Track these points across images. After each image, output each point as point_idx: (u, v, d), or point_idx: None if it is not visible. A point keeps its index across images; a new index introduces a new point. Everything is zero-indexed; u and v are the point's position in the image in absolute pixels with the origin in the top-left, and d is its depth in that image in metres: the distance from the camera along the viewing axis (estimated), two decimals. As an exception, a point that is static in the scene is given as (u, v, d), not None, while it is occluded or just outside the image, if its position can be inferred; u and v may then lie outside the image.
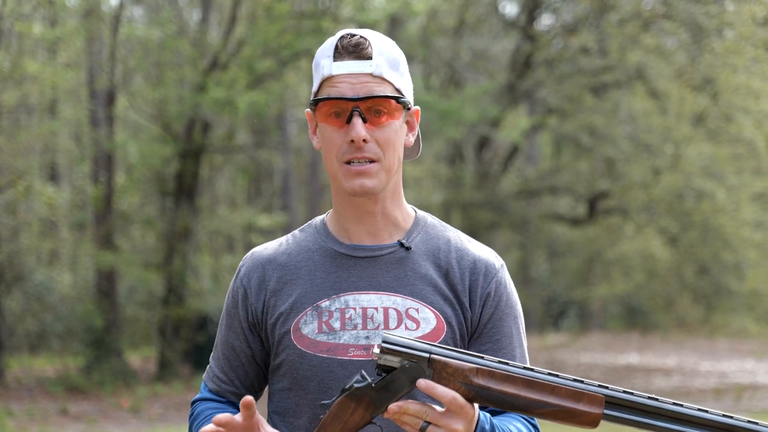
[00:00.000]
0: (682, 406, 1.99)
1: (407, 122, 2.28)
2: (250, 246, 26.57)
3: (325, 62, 2.24)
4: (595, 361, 22.97)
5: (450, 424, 1.99)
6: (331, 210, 2.34)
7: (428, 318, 2.20)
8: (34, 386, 16.43)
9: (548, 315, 29.32)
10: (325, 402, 2.06)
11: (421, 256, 2.25)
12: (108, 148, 17.72)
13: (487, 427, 2.06)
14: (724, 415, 1.98)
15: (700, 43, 18.04)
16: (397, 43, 2.31)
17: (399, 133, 2.23)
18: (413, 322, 2.16)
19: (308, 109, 2.30)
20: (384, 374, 2.03)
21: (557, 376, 2.01)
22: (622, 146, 19.93)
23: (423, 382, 1.99)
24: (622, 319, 30.26)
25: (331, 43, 2.26)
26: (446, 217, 20.29)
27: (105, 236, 17.80)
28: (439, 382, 1.99)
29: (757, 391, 17.39)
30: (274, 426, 2.25)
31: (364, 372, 2.05)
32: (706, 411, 1.99)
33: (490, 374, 2.00)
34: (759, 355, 22.36)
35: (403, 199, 2.30)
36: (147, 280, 18.24)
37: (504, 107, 19.81)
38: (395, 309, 2.20)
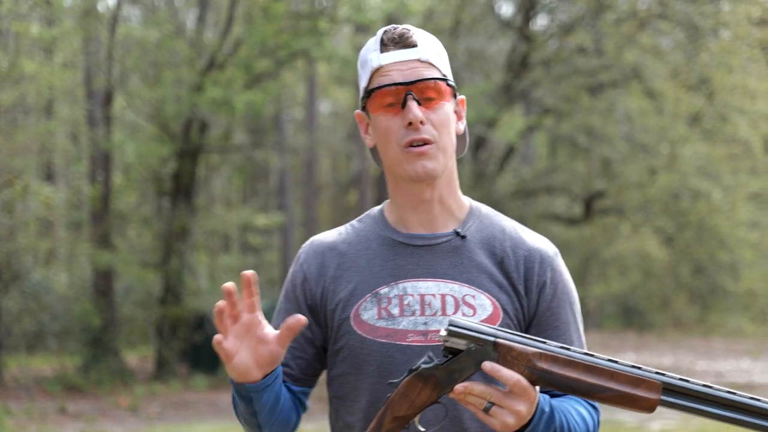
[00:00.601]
0: (735, 394, 2.04)
1: (455, 111, 2.32)
2: (246, 246, 26.62)
3: (372, 56, 2.28)
4: (591, 360, 23.03)
5: (513, 406, 2.05)
6: (387, 201, 2.38)
7: (484, 304, 2.25)
8: (32, 385, 16.45)
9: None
10: (394, 381, 2.12)
11: (476, 245, 2.30)
12: (105, 147, 17.74)
13: (547, 408, 2.12)
14: None
15: (695, 43, 18.09)
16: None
17: (451, 116, 2.28)
18: (470, 309, 2.21)
19: (358, 111, 2.34)
20: (450, 356, 2.09)
21: (616, 362, 2.07)
22: (618, 146, 19.98)
23: (488, 365, 2.05)
24: (618, 318, 30.31)
25: (375, 38, 2.30)
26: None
27: (102, 236, 17.81)
28: (503, 365, 2.05)
29: (753, 390, 17.43)
30: (334, 410, 2.33)
31: (431, 353, 2.11)
32: (758, 399, 2.04)
33: (553, 359, 2.06)
34: (755, 354, 22.41)
35: (458, 188, 2.35)
36: (144, 280, 18.26)
37: (500, 107, 19.84)
38: (452, 296, 2.25)
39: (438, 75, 2.25)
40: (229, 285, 2.16)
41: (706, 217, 18.70)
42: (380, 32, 2.29)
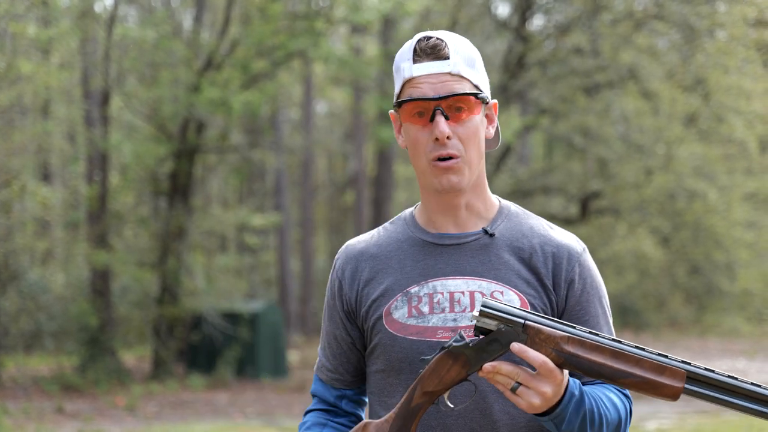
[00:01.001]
0: (759, 386, 2.10)
1: (486, 115, 2.39)
2: (243, 246, 26.64)
3: (405, 65, 2.33)
4: (588, 360, 23.06)
5: (539, 387, 2.11)
6: (419, 203, 2.45)
7: (512, 300, 2.31)
8: (29, 385, 16.47)
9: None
10: (426, 357, 2.19)
11: (504, 242, 2.37)
12: (102, 147, 17.76)
13: (576, 392, 2.17)
14: None
15: (691, 44, 18.11)
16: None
17: (479, 127, 2.35)
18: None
19: (392, 111, 2.41)
20: (481, 336, 2.16)
21: (643, 349, 2.13)
22: (615, 146, 20.00)
23: (517, 346, 2.12)
24: (614, 318, 30.21)
25: (409, 46, 2.35)
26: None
27: (99, 236, 17.83)
28: (531, 347, 2.11)
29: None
30: (370, 406, 2.43)
31: (462, 332, 2.19)
32: None
33: (580, 343, 2.12)
34: (750, 354, 22.44)
35: (488, 190, 2.42)
36: (141, 280, 18.28)
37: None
38: (480, 292, 2.31)
39: (468, 88, 2.31)
40: None
41: (702, 217, 18.72)
42: (415, 39, 2.34)
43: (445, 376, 2.16)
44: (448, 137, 2.28)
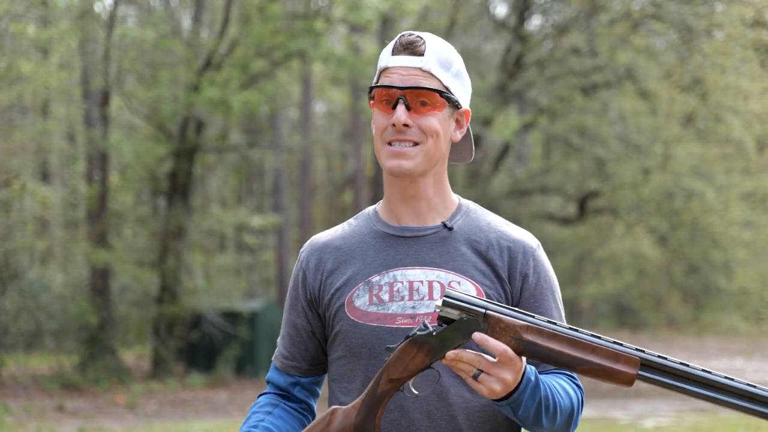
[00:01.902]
0: (710, 373, 2.17)
1: (456, 120, 2.50)
2: (242, 245, 26.66)
3: (384, 56, 2.47)
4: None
5: (500, 374, 2.20)
6: (381, 200, 2.56)
7: (469, 290, 2.41)
8: (30, 384, 16.52)
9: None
10: (391, 346, 2.28)
11: (462, 236, 2.48)
12: (102, 147, 17.80)
13: (533, 378, 2.26)
14: (748, 384, 2.16)
15: (689, 44, 18.15)
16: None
17: (443, 125, 2.45)
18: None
19: (371, 100, 2.50)
20: (444, 325, 2.24)
21: (599, 338, 2.21)
22: (612, 146, 20.04)
23: (478, 336, 2.20)
24: (612, 317, 30.40)
25: (393, 40, 2.49)
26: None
27: (99, 235, 17.88)
28: (492, 335, 2.21)
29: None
30: (331, 393, 2.50)
31: (426, 322, 2.28)
32: (732, 379, 2.17)
33: (539, 331, 2.21)
34: (748, 353, 22.51)
35: (448, 188, 2.53)
36: (141, 279, 18.32)
37: (495, 107, 19.92)
38: (438, 282, 2.41)
39: (435, 86, 2.42)
40: None
41: (699, 216, 18.76)
42: (399, 35, 2.47)
43: (410, 364, 2.25)
44: (405, 125, 2.39)
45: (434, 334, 2.24)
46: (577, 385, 2.42)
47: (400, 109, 2.39)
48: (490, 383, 2.20)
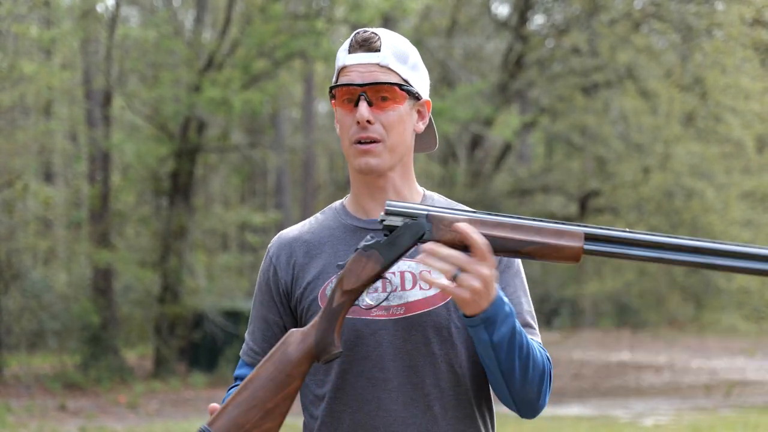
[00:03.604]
0: (655, 235, 2.21)
1: (418, 111, 2.54)
2: (244, 245, 26.71)
3: (341, 55, 2.51)
4: (587, 358, 23.15)
5: (478, 269, 2.22)
6: (348, 195, 2.61)
7: (440, 277, 2.39)
8: (32, 383, 16.56)
9: (541, 313, 29.42)
10: (341, 263, 2.33)
11: None
12: (104, 147, 17.86)
13: (505, 299, 2.28)
14: (691, 239, 2.20)
15: (689, 43, 18.19)
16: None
17: (405, 118, 2.49)
18: (426, 283, 2.34)
19: (333, 100, 2.54)
20: (389, 233, 2.29)
21: (542, 221, 2.26)
22: (613, 145, 20.08)
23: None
24: (612, 316, 30.41)
25: (348, 39, 2.52)
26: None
27: (101, 235, 17.93)
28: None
29: (746, 387, 17.59)
30: (305, 386, 2.51)
31: (373, 234, 2.35)
32: (677, 237, 2.20)
33: (482, 223, 2.26)
34: (750, 352, 22.54)
35: (414, 180, 2.57)
36: (143, 279, 18.36)
37: (496, 107, 19.97)
38: (410, 272, 2.45)
39: (394, 80, 2.45)
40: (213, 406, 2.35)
41: (699, 215, 18.78)
42: (353, 34, 2.50)
43: (362, 273, 2.29)
44: (368, 122, 2.43)
45: (381, 242, 2.29)
46: (547, 357, 2.42)
47: (362, 105, 2.43)
48: (470, 280, 2.21)
